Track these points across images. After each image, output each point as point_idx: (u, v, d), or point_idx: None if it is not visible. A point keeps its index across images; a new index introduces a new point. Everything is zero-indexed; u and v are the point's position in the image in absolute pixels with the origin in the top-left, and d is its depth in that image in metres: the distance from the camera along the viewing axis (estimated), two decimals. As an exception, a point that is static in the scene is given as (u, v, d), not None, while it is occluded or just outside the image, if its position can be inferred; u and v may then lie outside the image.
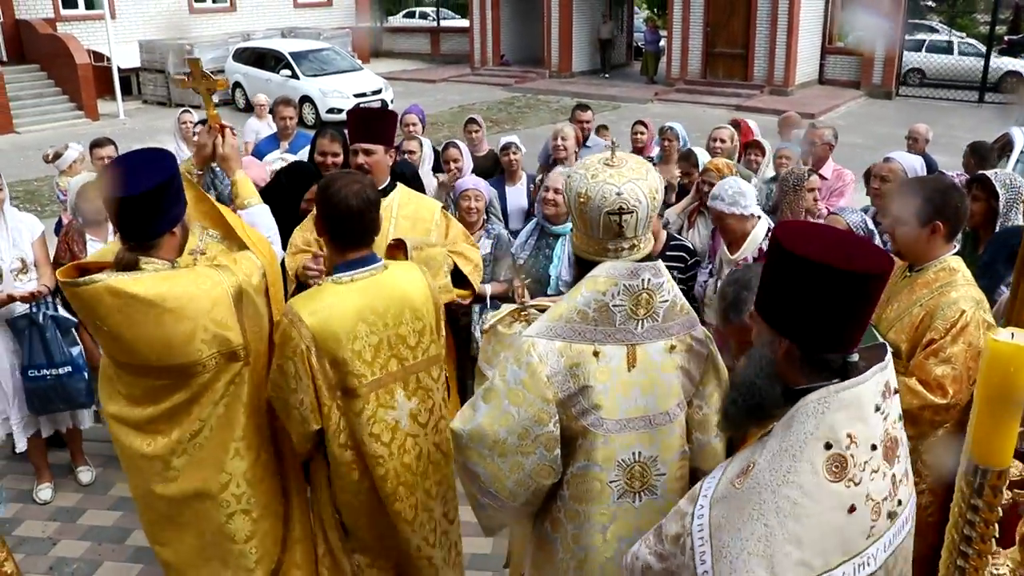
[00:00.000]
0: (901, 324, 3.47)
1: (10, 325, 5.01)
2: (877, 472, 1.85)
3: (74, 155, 7.16)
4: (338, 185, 3.01)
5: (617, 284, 2.49)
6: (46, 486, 5.36)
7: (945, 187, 3.44)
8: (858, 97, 22.51)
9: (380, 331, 3.07)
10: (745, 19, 22.64)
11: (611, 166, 2.53)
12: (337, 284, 3.04)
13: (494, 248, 5.35)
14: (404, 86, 24.47)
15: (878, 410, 1.86)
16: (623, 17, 29.11)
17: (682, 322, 2.60)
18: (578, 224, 2.59)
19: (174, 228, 3.02)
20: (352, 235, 3.05)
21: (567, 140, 6.75)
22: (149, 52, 22.76)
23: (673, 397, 2.59)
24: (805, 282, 1.86)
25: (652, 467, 2.61)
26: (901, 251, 3.53)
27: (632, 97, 22.94)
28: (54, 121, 19.77)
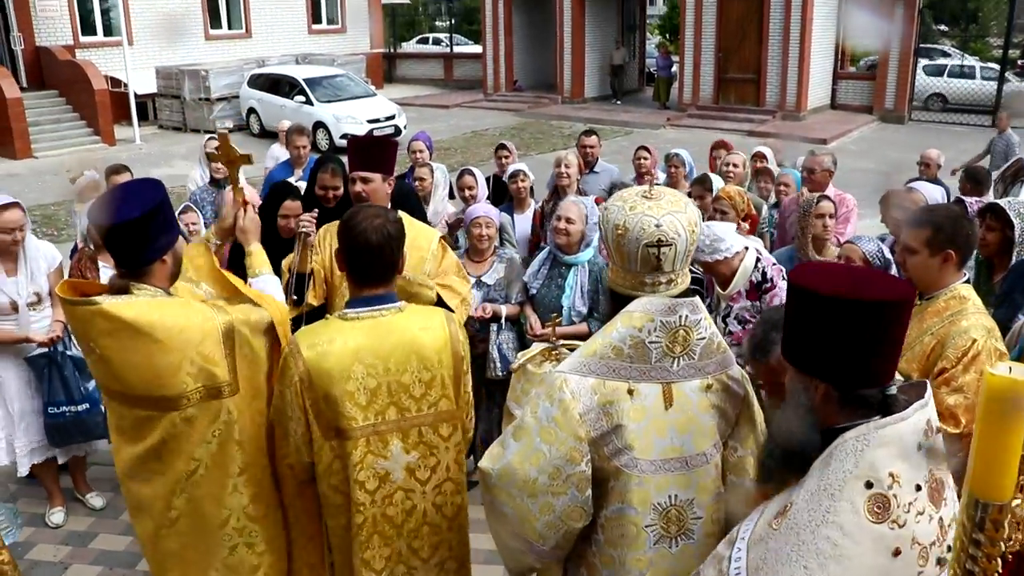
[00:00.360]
0: (912, 353, 3.45)
1: (29, 363, 5.08)
2: (923, 514, 1.78)
3: (85, 182, 7.24)
4: (360, 218, 2.92)
5: (654, 320, 2.43)
6: (58, 510, 5.38)
7: (956, 215, 3.43)
8: (871, 122, 22.52)
9: (379, 375, 2.91)
10: (757, 44, 22.72)
11: (649, 198, 2.49)
12: (342, 320, 2.95)
13: (507, 271, 5.37)
14: (417, 112, 24.62)
15: (921, 448, 1.79)
16: (635, 43, 29.26)
17: (718, 360, 2.55)
18: (615, 257, 2.54)
19: (164, 256, 3.01)
20: (368, 270, 2.95)
21: (570, 168, 6.73)
22: (165, 78, 23.02)
23: (709, 438, 2.53)
24: (823, 318, 1.84)
25: (688, 510, 2.54)
26: (912, 280, 3.50)
27: (644, 123, 23.01)
28: (71, 146, 19.97)
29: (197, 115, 22.39)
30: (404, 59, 33.68)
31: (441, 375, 3.00)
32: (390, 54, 32.92)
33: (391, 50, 33.31)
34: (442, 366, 2.99)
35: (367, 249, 2.89)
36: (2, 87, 18.67)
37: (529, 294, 5.34)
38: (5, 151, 18.81)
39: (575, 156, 7.09)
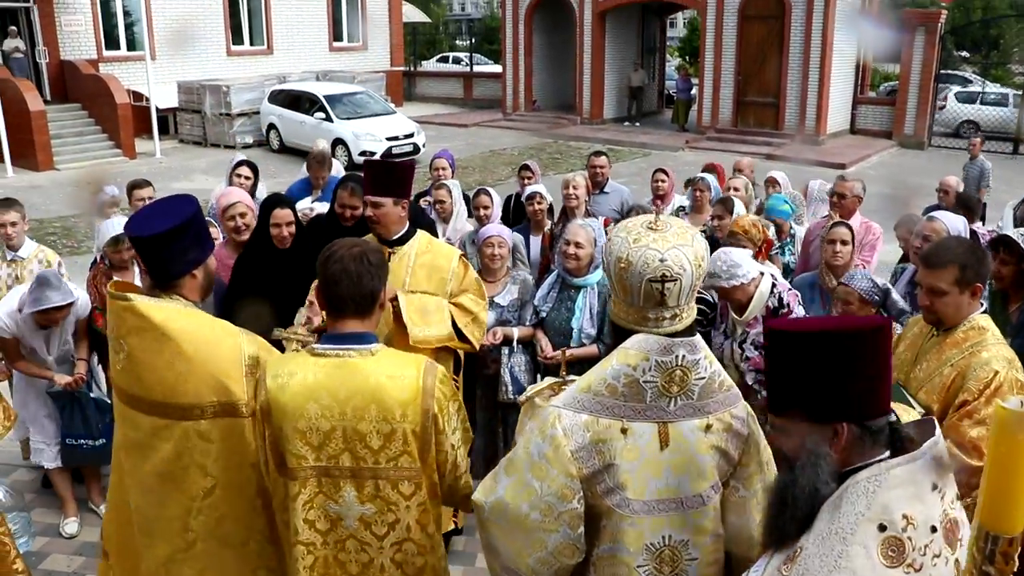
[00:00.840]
0: (931, 385, 3.41)
1: (53, 397, 5.21)
2: (939, 557, 1.72)
3: (104, 198, 7.28)
4: (333, 249, 2.79)
5: (649, 359, 2.36)
6: (72, 520, 5.41)
7: (973, 248, 3.40)
8: (890, 147, 22.45)
9: (334, 418, 2.72)
10: (777, 68, 22.72)
11: (654, 230, 2.40)
12: (310, 354, 2.80)
13: (520, 293, 5.35)
14: (436, 130, 24.72)
15: (935, 488, 1.73)
16: (655, 65, 29.32)
17: (721, 399, 2.46)
18: (617, 290, 2.45)
19: (194, 270, 3.04)
20: (340, 304, 2.78)
21: (578, 189, 6.68)
22: (187, 93, 23.19)
23: (707, 479, 2.45)
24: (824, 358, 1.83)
25: (683, 551, 2.48)
26: (943, 319, 3.41)
27: (663, 145, 23.03)
28: (93, 159, 20.12)
29: (218, 130, 22.54)
30: (424, 77, 33.84)
31: (403, 429, 2.73)
32: (410, 72, 33.08)
33: (411, 68, 33.47)
34: (405, 420, 2.73)
35: (338, 280, 2.75)
36: (26, 100, 18.86)
37: (539, 317, 5.31)
38: (28, 163, 18.97)
39: (583, 178, 7.03)
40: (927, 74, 22.13)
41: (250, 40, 26.95)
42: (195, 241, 3.04)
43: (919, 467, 1.73)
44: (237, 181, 7.30)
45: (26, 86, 19.45)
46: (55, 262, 6.00)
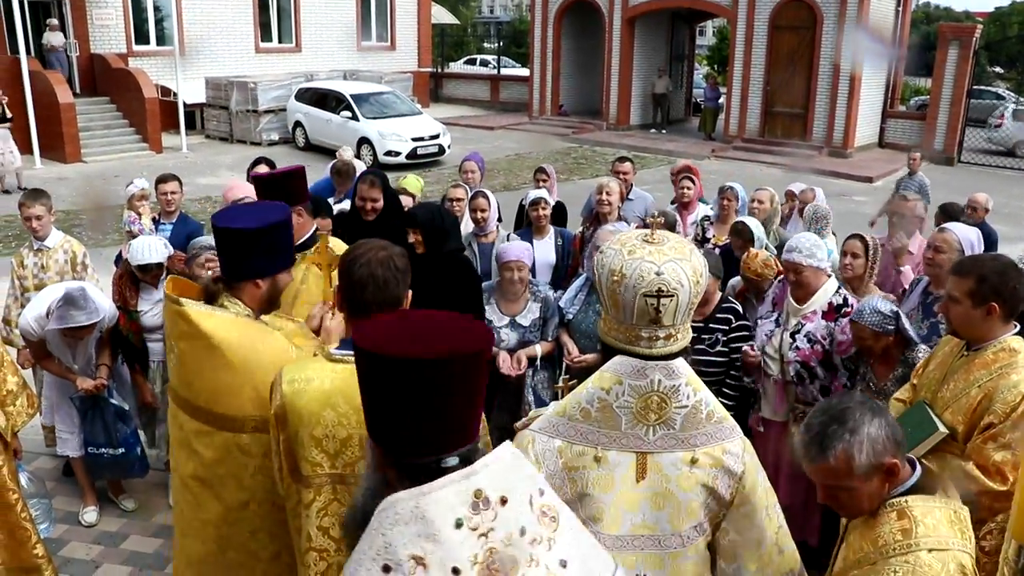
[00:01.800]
0: (958, 405, 3.36)
1: (74, 402, 5.22)
2: None
3: (133, 191, 7.31)
4: (358, 252, 2.69)
5: (622, 383, 2.22)
6: (91, 509, 5.50)
7: (1003, 267, 3.32)
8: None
9: (351, 426, 2.65)
10: (806, 79, 22.55)
11: (651, 243, 2.26)
12: (328, 359, 2.73)
13: (542, 311, 5.28)
14: (462, 132, 24.72)
15: (459, 526, 1.51)
16: (683, 72, 29.20)
17: (710, 432, 2.29)
18: (608, 306, 2.31)
19: (259, 280, 3.02)
20: (357, 307, 2.67)
21: (611, 195, 6.65)
22: (214, 89, 23.31)
23: (690, 518, 2.29)
24: (361, 373, 1.67)
25: None
26: (957, 331, 3.43)
27: (688, 153, 22.89)
28: (120, 152, 20.25)
29: (244, 126, 22.62)
30: (451, 79, 33.88)
31: None
32: (437, 73, 33.13)
33: (438, 69, 33.52)
34: None
35: (364, 285, 2.64)
36: (56, 92, 19.00)
37: (565, 320, 5.26)
38: (56, 155, 19.11)
39: (617, 183, 6.99)
40: (959, 89, 21.88)
41: (278, 38, 27.06)
42: (268, 251, 3.02)
43: (432, 501, 1.52)
44: None
45: (56, 79, 19.59)
46: (80, 253, 6.00)
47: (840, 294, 4.63)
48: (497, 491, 1.56)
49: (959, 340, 3.49)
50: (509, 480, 1.60)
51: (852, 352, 4.52)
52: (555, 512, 1.67)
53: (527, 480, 1.65)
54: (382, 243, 2.78)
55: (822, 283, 4.63)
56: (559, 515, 1.68)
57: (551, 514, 1.66)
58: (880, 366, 4.39)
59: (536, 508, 1.63)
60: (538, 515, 1.63)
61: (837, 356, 4.56)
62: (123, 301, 5.35)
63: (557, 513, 1.68)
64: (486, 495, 1.55)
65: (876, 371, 4.40)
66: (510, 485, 1.60)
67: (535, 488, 1.66)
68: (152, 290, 5.41)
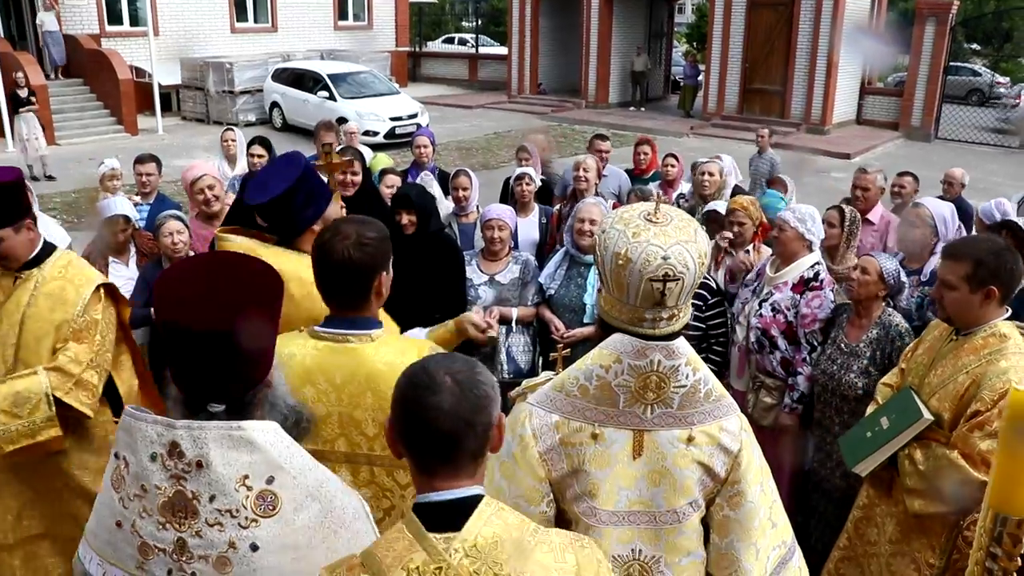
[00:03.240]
0: (945, 391, 3.29)
1: None
2: (151, 516, 1.81)
3: (103, 171, 7.19)
4: (331, 232, 2.65)
5: (621, 362, 2.20)
6: None
7: (998, 248, 3.24)
8: (896, 138, 22.32)
9: (330, 403, 2.65)
10: (784, 56, 22.55)
11: (654, 222, 2.20)
12: (311, 335, 2.69)
13: (522, 273, 5.31)
14: (440, 111, 24.59)
15: (154, 459, 1.80)
16: (661, 50, 29.15)
17: (707, 410, 2.29)
18: (611, 287, 2.26)
19: (314, 225, 3.16)
20: (333, 291, 2.66)
21: (588, 172, 6.76)
22: (190, 70, 23.06)
23: (684, 495, 2.30)
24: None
25: (654, 568, 2.33)
26: (952, 318, 3.34)
27: (667, 130, 22.89)
28: (95, 135, 20.02)
29: (220, 108, 22.41)
30: (429, 58, 33.68)
31: None
32: (415, 53, 32.94)
33: (416, 49, 33.33)
34: None
35: (328, 271, 2.62)
36: (27, 74, 18.72)
37: (545, 296, 5.28)
38: (29, 137, 18.83)
39: (594, 160, 7.12)
40: (936, 66, 21.94)
41: (254, 17, 26.80)
42: (309, 198, 3.17)
43: (141, 427, 1.83)
44: (251, 160, 7.30)
45: (27, 59, 19.31)
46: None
47: (814, 269, 4.65)
48: (196, 454, 1.78)
49: (947, 325, 3.42)
50: (224, 454, 1.79)
51: (816, 327, 4.57)
52: (278, 502, 1.81)
53: (252, 461, 1.81)
54: (352, 228, 2.68)
55: (802, 253, 4.65)
56: (283, 508, 1.81)
57: (269, 501, 1.81)
58: (853, 328, 4.41)
59: (253, 489, 1.79)
60: (248, 495, 1.79)
61: (801, 329, 4.59)
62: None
63: (280, 505, 1.81)
64: (181, 449, 1.78)
65: (848, 333, 4.42)
66: (216, 456, 1.78)
67: (262, 472, 1.81)
68: (122, 266, 5.35)
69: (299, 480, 1.85)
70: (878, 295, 4.30)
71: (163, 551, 1.81)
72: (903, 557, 3.51)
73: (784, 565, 2.49)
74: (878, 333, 4.27)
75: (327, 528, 1.85)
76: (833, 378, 4.39)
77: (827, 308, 4.57)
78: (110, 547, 1.89)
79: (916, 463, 3.33)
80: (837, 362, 4.39)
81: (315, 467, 1.92)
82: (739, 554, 2.36)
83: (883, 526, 3.62)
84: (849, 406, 4.36)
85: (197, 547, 1.79)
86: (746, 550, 2.37)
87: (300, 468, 1.87)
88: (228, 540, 1.79)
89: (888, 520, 3.59)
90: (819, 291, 4.59)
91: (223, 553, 1.79)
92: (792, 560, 2.52)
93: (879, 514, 3.65)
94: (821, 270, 4.68)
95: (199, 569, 1.80)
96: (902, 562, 3.52)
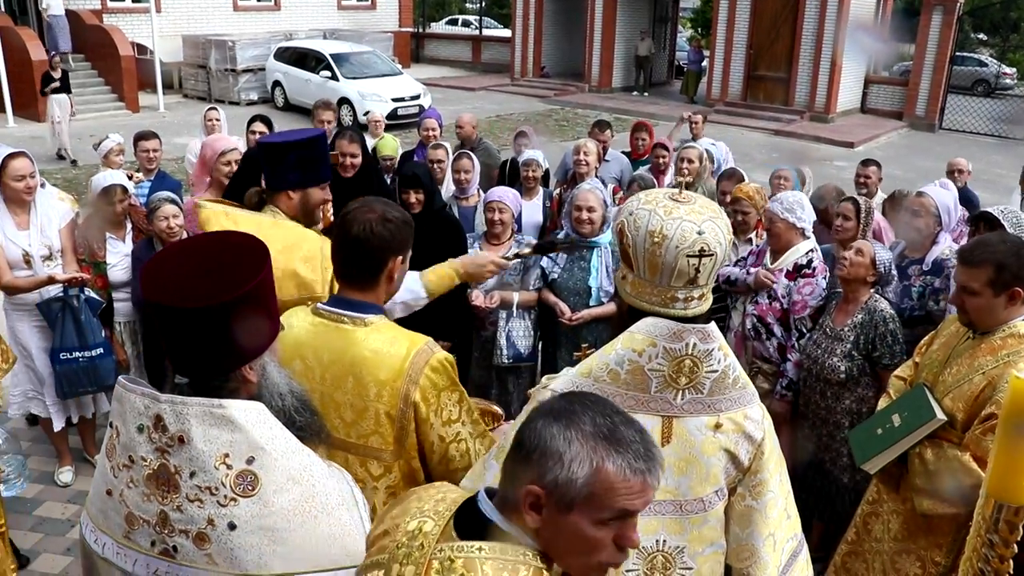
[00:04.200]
0: (959, 391, 3.24)
1: (42, 309, 5.03)
2: (137, 487, 1.84)
3: (110, 145, 7.16)
4: (351, 215, 2.63)
5: (656, 345, 2.18)
6: (67, 469, 5.51)
7: (1016, 248, 3.15)
8: (900, 128, 22.26)
9: (313, 381, 2.61)
10: (789, 44, 22.45)
11: (681, 202, 2.20)
12: (312, 311, 2.70)
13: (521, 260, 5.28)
14: (443, 93, 24.50)
15: (141, 431, 1.83)
16: (666, 35, 29.00)
17: (734, 397, 2.27)
18: (642, 269, 2.22)
19: (290, 191, 3.32)
20: (347, 270, 2.67)
21: (589, 156, 6.79)
22: (192, 47, 22.97)
23: (711, 483, 2.28)
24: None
25: (678, 559, 2.31)
26: (974, 323, 3.26)
27: (670, 116, 22.67)
28: (96, 111, 19.92)
29: (222, 86, 22.33)
30: (432, 39, 33.52)
31: (376, 409, 2.59)
32: (418, 34, 32.75)
33: (420, 30, 33.14)
34: (380, 400, 2.58)
35: (345, 243, 2.61)
36: (28, 49, 18.64)
37: (548, 280, 5.27)
38: (29, 113, 18.75)
39: (595, 144, 7.14)
40: (942, 56, 21.83)
41: (258, -5, 26.66)
42: (301, 163, 3.31)
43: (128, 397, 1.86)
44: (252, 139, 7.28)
45: (28, 35, 19.22)
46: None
47: (808, 256, 4.67)
48: (178, 428, 1.80)
49: (969, 328, 3.34)
50: (205, 431, 1.80)
51: (806, 314, 4.59)
52: (258, 483, 1.82)
53: (233, 440, 1.81)
54: (374, 206, 2.67)
55: (796, 241, 4.67)
56: (262, 489, 1.82)
57: (249, 481, 1.82)
58: (839, 313, 4.42)
59: (233, 468, 1.81)
60: (228, 473, 1.81)
61: (792, 316, 4.62)
62: (90, 254, 5.25)
63: (260, 486, 1.82)
64: (165, 423, 1.81)
65: (835, 318, 4.43)
66: (197, 432, 1.80)
67: (243, 451, 1.82)
68: (119, 243, 5.33)
69: (281, 462, 1.85)
70: (867, 279, 4.31)
71: (147, 522, 1.84)
72: (908, 555, 3.49)
73: (795, 558, 2.48)
74: (863, 318, 4.28)
75: (307, 513, 1.85)
76: (817, 362, 4.40)
77: (818, 295, 4.59)
78: (102, 515, 1.93)
79: (927, 463, 3.29)
80: (821, 346, 4.41)
81: (300, 451, 1.91)
82: (758, 544, 2.35)
83: (888, 523, 3.59)
84: (832, 390, 4.38)
85: (178, 521, 1.82)
86: (765, 541, 2.36)
87: (283, 450, 1.86)
88: (207, 517, 1.81)
89: (894, 517, 3.57)
90: (811, 278, 4.62)
91: (202, 529, 1.81)
92: (801, 554, 2.51)
93: (886, 511, 3.62)
94: (815, 256, 4.70)
95: (180, 543, 1.83)
96: (907, 560, 3.50)
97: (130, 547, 1.87)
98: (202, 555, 1.81)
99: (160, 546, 1.83)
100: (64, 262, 5.05)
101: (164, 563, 1.84)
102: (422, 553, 1.57)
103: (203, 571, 1.83)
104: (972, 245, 3.34)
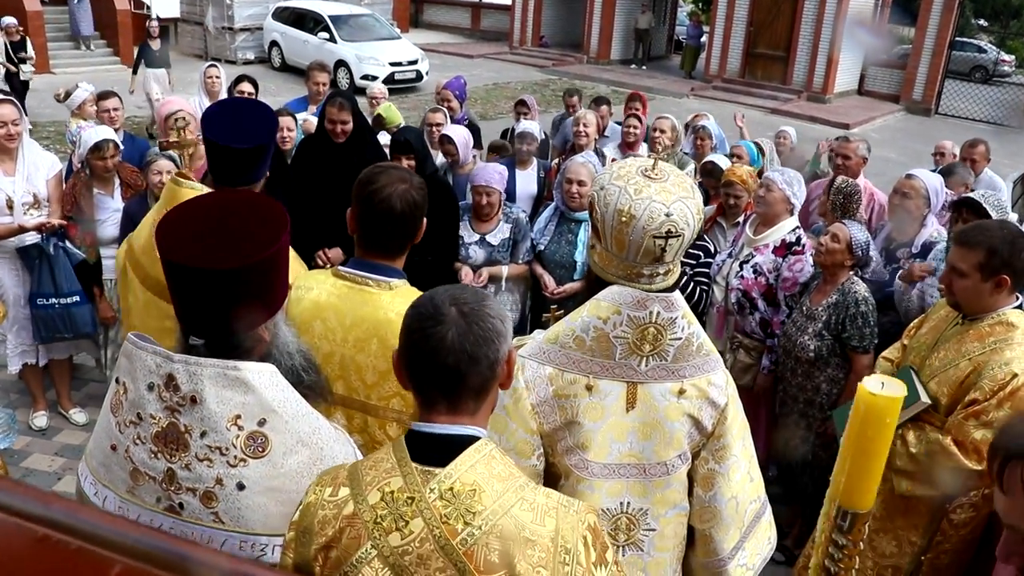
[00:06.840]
0: (945, 376, 3.27)
1: (21, 255, 5.13)
2: (144, 444, 1.84)
3: (84, 95, 7.11)
4: (382, 183, 2.60)
5: (620, 313, 2.21)
6: (41, 414, 5.67)
7: (1013, 236, 3.15)
8: (896, 111, 22.25)
9: (335, 343, 2.65)
10: (789, 22, 22.36)
11: (653, 179, 2.19)
12: (333, 274, 2.72)
13: (512, 232, 5.31)
14: (440, 59, 24.34)
15: (151, 389, 1.83)
16: (666, 9, 28.83)
17: (698, 363, 2.31)
18: (610, 244, 2.24)
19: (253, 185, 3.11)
20: (369, 239, 2.68)
21: (588, 127, 6.77)
22: (189, 4, 22.76)
23: (674, 447, 2.32)
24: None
25: (641, 520, 2.37)
26: (960, 304, 3.29)
27: (668, 90, 22.77)
28: (90, 65, 19.80)
29: (219, 44, 22.16)
30: (432, 5, 33.20)
31: None
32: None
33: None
34: None
35: (388, 217, 2.60)
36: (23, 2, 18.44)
37: (537, 251, 5.30)
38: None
39: (594, 116, 7.11)
40: (941, 40, 21.78)
41: (257, -47, 26.34)
42: (265, 160, 3.16)
43: (140, 355, 1.86)
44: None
45: None
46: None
47: (795, 233, 4.71)
48: (191, 388, 1.80)
49: (956, 310, 3.37)
50: (218, 392, 1.81)
51: (796, 290, 4.63)
52: (268, 445, 1.84)
53: (245, 402, 1.82)
54: (400, 173, 2.69)
55: (783, 217, 4.69)
56: (272, 451, 1.84)
57: (260, 443, 1.83)
58: (818, 293, 4.47)
59: (244, 429, 1.82)
60: (239, 434, 1.82)
61: (781, 292, 4.65)
62: (77, 211, 5.24)
63: (270, 448, 1.84)
64: (177, 383, 1.81)
65: (813, 298, 4.47)
66: (211, 393, 1.81)
67: (255, 413, 1.83)
68: (108, 198, 5.33)
69: (291, 425, 1.87)
70: (844, 264, 4.34)
71: (153, 479, 1.85)
72: (886, 534, 3.55)
73: (758, 520, 2.56)
74: (837, 299, 4.32)
75: (315, 475, 1.87)
76: (791, 340, 4.46)
77: (808, 272, 4.63)
78: (104, 468, 1.93)
79: (908, 445, 3.33)
80: (797, 324, 4.47)
81: (309, 413, 1.93)
82: (720, 507, 2.41)
83: None
84: (803, 368, 4.44)
85: (186, 479, 1.83)
86: (727, 503, 2.42)
87: (294, 413, 1.89)
88: (216, 476, 1.82)
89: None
90: (801, 255, 4.65)
91: (210, 488, 1.83)
92: (765, 516, 2.59)
93: None
94: (802, 235, 4.74)
95: (186, 501, 1.84)
96: (884, 538, 3.56)
97: (133, 502, 1.88)
98: (208, 513, 1.83)
99: (165, 502, 1.85)
100: (50, 212, 5.15)
101: (169, 519, 1.86)
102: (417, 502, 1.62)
103: (208, 529, 1.84)
104: (971, 227, 3.36)
